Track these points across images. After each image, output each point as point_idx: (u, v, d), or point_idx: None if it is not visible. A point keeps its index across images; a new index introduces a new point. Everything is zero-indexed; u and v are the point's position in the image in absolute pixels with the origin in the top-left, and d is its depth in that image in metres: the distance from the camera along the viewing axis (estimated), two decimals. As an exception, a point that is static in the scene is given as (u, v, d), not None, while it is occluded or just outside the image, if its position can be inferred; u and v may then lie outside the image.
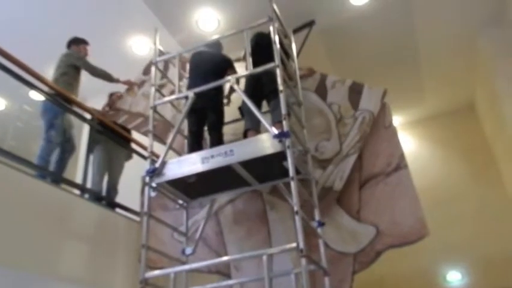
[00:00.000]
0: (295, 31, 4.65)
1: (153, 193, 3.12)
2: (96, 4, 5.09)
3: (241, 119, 3.58)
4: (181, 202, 3.50)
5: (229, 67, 3.65)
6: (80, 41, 4.50)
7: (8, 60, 3.44)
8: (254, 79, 3.38)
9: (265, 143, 2.81)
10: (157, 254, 3.16)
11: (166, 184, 3.16)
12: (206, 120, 3.58)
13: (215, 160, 2.91)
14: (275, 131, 2.76)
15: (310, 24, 5.16)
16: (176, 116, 3.87)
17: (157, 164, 3.08)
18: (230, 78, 3.23)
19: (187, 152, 3.48)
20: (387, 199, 3.25)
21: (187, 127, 3.67)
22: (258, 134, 3.11)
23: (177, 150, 3.65)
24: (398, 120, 7.17)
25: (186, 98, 3.36)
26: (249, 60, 3.18)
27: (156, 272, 2.85)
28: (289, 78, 3.52)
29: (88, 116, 4.39)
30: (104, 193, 4.31)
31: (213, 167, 2.91)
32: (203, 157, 2.96)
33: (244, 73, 3.35)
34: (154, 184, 3.10)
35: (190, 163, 3.01)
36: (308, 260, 2.48)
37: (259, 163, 2.88)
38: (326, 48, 5.81)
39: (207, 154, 2.97)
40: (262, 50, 3.29)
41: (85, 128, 4.84)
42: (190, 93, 3.29)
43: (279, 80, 2.95)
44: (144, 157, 4.01)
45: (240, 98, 3.28)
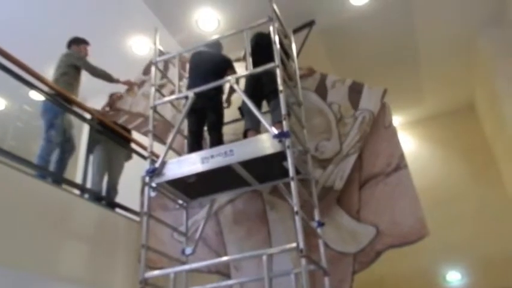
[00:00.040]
0: (295, 31, 4.64)
1: (153, 193, 3.12)
2: (96, 4, 5.09)
3: (241, 119, 3.58)
4: (181, 202, 3.50)
5: (228, 67, 3.64)
6: (81, 41, 4.49)
7: (8, 60, 3.44)
8: (254, 79, 3.38)
9: (265, 143, 2.81)
10: (157, 254, 3.16)
11: (166, 184, 3.15)
12: (206, 120, 3.59)
13: (215, 160, 2.91)
14: (275, 131, 2.76)
15: (310, 24, 5.15)
16: (176, 116, 3.87)
17: (157, 164, 3.08)
18: (230, 78, 3.23)
19: (187, 152, 3.48)
20: (387, 199, 3.25)
21: (187, 127, 3.67)
22: (258, 134, 3.11)
23: (177, 150, 3.65)
24: (398, 120, 7.17)
25: (186, 98, 3.36)
26: (249, 60, 3.17)
27: (156, 272, 2.85)
28: (289, 78, 3.52)
29: (88, 116, 4.40)
30: (104, 193, 4.31)
31: (213, 167, 2.91)
32: (203, 157, 2.96)
33: (244, 73, 3.35)
34: (154, 184, 3.10)
35: (190, 163, 3.01)
36: (308, 260, 2.48)
37: (259, 163, 2.88)
38: (326, 48, 5.81)
39: (207, 154, 2.97)
40: (262, 50, 3.28)
41: (85, 128, 4.84)
42: (190, 93, 3.29)
43: (279, 80, 2.94)
44: (144, 157, 4.01)
45: (240, 98, 3.28)
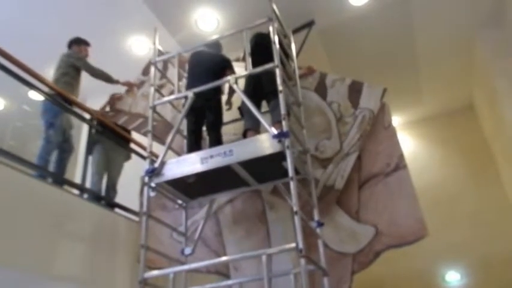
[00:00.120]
0: (294, 31, 4.64)
1: (152, 193, 3.12)
2: (95, 4, 5.09)
3: (241, 119, 3.58)
4: (180, 202, 3.50)
5: (227, 67, 3.64)
6: (81, 42, 4.49)
7: (8, 60, 3.43)
8: (254, 79, 3.37)
9: (264, 143, 2.81)
10: (156, 254, 3.15)
11: (165, 184, 3.15)
12: (205, 120, 3.59)
13: (214, 160, 2.91)
14: (274, 131, 2.76)
15: (309, 24, 5.15)
16: (176, 117, 3.87)
17: (156, 164, 3.08)
18: (229, 78, 3.22)
19: (186, 152, 3.48)
20: (386, 199, 3.24)
21: (186, 127, 3.67)
22: (258, 134, 3.11)
23: (176, 150, 3.65)
24: (397, 120, 7.17)
25: (186, 98, 3.36)
26: (249, 60, 3.17)
27: (155, 272, 2.84)
28: (288, 78, 3.52)
29: (87, 116, 4.39)
30: (103, 193, 4.30)
31: (212, 167, 2.91)
32: (202, 157, 2.96)
33: (243, 73, 3.35)
34: (153, 184, 3.10)
35: (189, 163, 3.01)
36: (307, 260, 2.47)
37: (258, 163, 2.87)
38: (325, 48, 5.81)
39: (206, 154, 2.97)
40: (261, 50, 3.29)
41: (84, 128, 4.84)
42: (189, 93, 3.29)
43: (279, 80, 2.94)
44: (144, 157, 4.01)
45: (240, 98, 3.28)
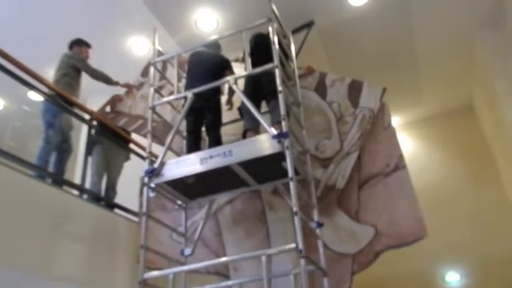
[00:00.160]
0: (294, 32, 4.64)
1: (152, 194, 3.11)
2: (95, 4, 5.08)
3: (241, 119, 3.57)
4: (180, 203, 3.50)
5: (227, 67, 3.64)
6: (83, 43, 4.49)
7: (7, 60, 3.43)
8: (253, 79, 3.37)
9: (264, 144, 2.80)
10: (156, 255, 3.15)
11: (165, 185, 3.15)
12: (204, 120, 3.58)
13: (214, 161, 2.91)
14: (274, 132, 2.76)
15: (309, 24, 5.15)
16: (176, 117, 3.86)
17: (156, 165, 3.08)
18: (229, 78, 3.22)
19: (185, 153, 3.47)
20: (386, 200, 3.24)
21: (185, 127, 3.66)
22: (257, 135, 3.10)
23: (176, 150, 3.65)
24: (396, 120, 7.17)
25: (185, 99, 3.36)
26: (248, 60, 3.17)
27: (155, 273, 2.84)
28: (288, 78, 3.52)
29: (87, 117, 4.39)
30: (103, 194, 4.30)
31: (212, 168, 2.90)
32: (202, 158, 2.96)
33: (243, 73, 3.35)
34: (153, 185, 3.09)
35: (189, 164, 3.00)
36: (307, 261, 2.47)
37: (258, 163, 2.87)
38: (325, 48, 5.81)
39: (206, 155, 2.97)
40: (261, 51, 3.29)
41: (84, 129, 4.84)
42: (189, 93, 3.29)
43: (278, 81, 2.94)
44: (143, 157, 4.01)
45: (240, 98, 3.28)
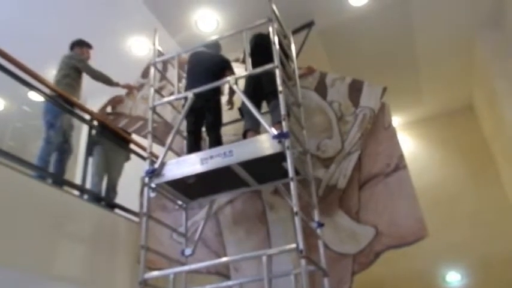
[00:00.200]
0: (294, 32, 4.64)
1: (152, 194, 3.11)
2: (95, 4, 5.08)
3: (241, 120, 3.57)
4: (180, 203, 3.50)
5: (227, 68, 3.64)
6: (84, 44, 4.49)
7: (7, 61, 3.43)
8: (254, 80, 3.37)
9: (264, 144, 2.81)
10: (156, 255, 3.15)
11: (165, 185, 3.15)
12: (204, 120, 3.58)
13: (214, 161, 2.91)
14: (274, 132, 2.76)
15: (309, 25, 5.15)
16: (176, 118, 3.86)
17: (156, 165, 3.08)
18: (229, 79, 3.22)
19: (186, 153, 3.47)
20: (386, 200, 3.24)
21: (186, 128, 3.66)
22: (258, 135, 3.10)
23: (176, 151, 3.64)
24: (397, 120, 7.17)
25: (185, 99, 3.36)
26: (248, 60, 3.17)
27: (156, 273, 2.84)
28: (288, 78, 3.52)
29: (88, 117, 4.39)
30: (103, 194, 4.30)
31: (212, 168, 2.91)
32: (202, 158, 2.96)
33: (243, 74, 3.35)
34: (153, 185, 3.10)
35: (189, 164, 3.01)
36: (308, 261, 2.47)
37: (258, 164, 2.87)
38: (325, 49, 5.81)
39: (206, 155, 2.97)
40: (261, 51, 3.29)
41: (84, 129, 4.84)
42: (189, 93, 3.29)
43: (279, 81, 2.94)
44: (144, 158, 4.01)
45: (241, 98, 3.28)
